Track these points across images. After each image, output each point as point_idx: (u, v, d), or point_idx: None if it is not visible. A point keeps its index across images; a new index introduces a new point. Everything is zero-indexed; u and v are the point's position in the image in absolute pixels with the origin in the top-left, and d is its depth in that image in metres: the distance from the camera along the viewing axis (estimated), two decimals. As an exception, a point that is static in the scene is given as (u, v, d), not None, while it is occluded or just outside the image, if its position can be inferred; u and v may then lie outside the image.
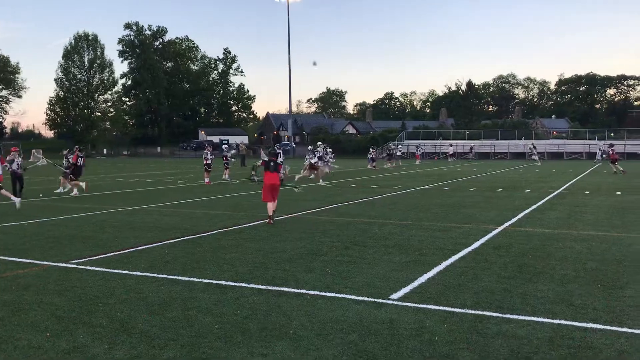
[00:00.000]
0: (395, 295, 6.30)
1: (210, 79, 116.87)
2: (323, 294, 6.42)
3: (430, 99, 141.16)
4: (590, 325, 5.26)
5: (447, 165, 44.36)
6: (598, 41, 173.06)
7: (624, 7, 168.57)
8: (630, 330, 5.10)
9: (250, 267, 7.80)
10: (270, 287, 6.71)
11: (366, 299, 6.19)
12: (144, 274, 7.52)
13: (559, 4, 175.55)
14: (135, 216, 13.66)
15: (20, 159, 18.81)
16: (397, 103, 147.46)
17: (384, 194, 19.34)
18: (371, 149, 39.94)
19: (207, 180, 24.72)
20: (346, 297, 6.26)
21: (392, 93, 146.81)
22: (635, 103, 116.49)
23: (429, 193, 19.77)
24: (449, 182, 24.96)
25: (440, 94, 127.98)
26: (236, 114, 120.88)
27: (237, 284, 6.87)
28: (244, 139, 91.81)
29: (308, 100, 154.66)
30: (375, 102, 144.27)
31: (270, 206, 12.36)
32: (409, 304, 5.97)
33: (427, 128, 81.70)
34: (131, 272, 7.59)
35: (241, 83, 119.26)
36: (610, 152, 32.60)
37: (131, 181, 27.26)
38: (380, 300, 6.12)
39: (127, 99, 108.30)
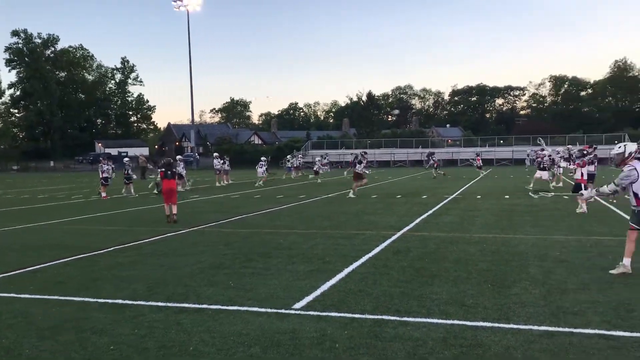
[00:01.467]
0: (298, 305, 6.34)
1: (107, 89, 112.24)
2: (225, 307, 6.34)
3: (333, 110, 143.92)
4: (481, 323, 5.56)
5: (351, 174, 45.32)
6: (487, 54, 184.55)
7: (509, 24, 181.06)
8: (515, 326, 5.45)
9: (149, 284, 7.55)
10: (169, 304, 6.53)
11: (269, 310, 6.18)
12: (33, 296, 7.06)
13: (450, 19, 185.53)
14: (26, 235, 12.80)
15: None
16: (302, 113, 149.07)
17: (289, 203, 19.43)
18: (262, 160, 39.92)
19: (103, 194, 23.63)
20: (249, 310, 6.21)
21: (297, 103, 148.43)
22: (521, 112, 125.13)
23: (333, 201, 20.10)
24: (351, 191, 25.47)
25: (343, 105, 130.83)
26: (135, 124, 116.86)
27: (135, 302, 6.62)
28: (144, 151, 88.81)
29: (211, 110, 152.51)
30: (280, 112, 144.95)
31: (167, 208, 14.57)
32: (311, 313, 6.03)
33: (331, 138, 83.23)
34: (18, 295, 7.10)
35: (140, 93, 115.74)
36: (434, 160, 38.22)
37: (22, 197, 25.54)
38: (283, 311, 6.13)
39: (15, 111, 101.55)
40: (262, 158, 32.83)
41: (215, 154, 34.38)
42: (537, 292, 6.71)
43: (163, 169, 15.14)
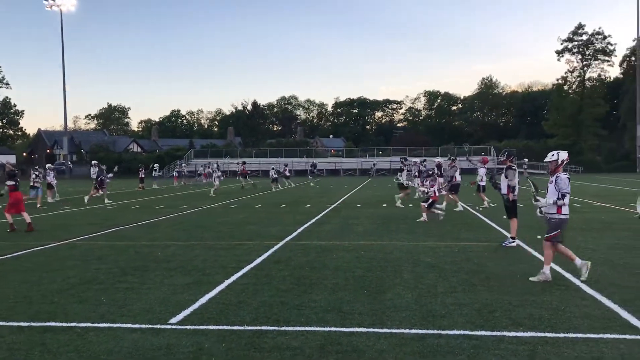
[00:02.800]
0: (174, 319, 6.15)
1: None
2: (96, 325, 5.99)
3: (218, 118, 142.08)
4: (356, 329, 5.72)
5: (235, 184, 44.93)
6: (367, 69, 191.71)
7: (387, 39, 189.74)
8: (389, 331, 5.66)
9: (10, 303, 6.95)
10: (33, 324, 6.05)
11: (143, 326, 5.93)
12: None
13: (333, 33, 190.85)
14: None
15: None
16: (184, 121, 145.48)
17: (169, 214, 18.84)
18: (141, 169, 39.01)
19: None
20: (122, 327, 5.92)
21: (179, 111, 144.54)
22: (399, 124, 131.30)
23: (215, 212, 19.79)
24: (236, 200, 25.30)
25: (228, 113, 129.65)
26: (1, 130, 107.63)
27: (-7, 324, 6.07)
28: (11, 159, 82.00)
29: (87, 116, 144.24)
30: (161, 119, 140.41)
31: (10, 217, 14.65)
32: (188, 327, 5.87)
33: (215, 146, 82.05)
34: None
35: (6, 97, 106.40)
36: (242, 168, 40.64)
37: None
38: (158, 326, 5.91)
39: None
40: (215, 165, 33.58)
41: (93, 162, 32.51)
42: (410, 297, 7.03)
43: (13, 182, 15.05)
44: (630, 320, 5.89)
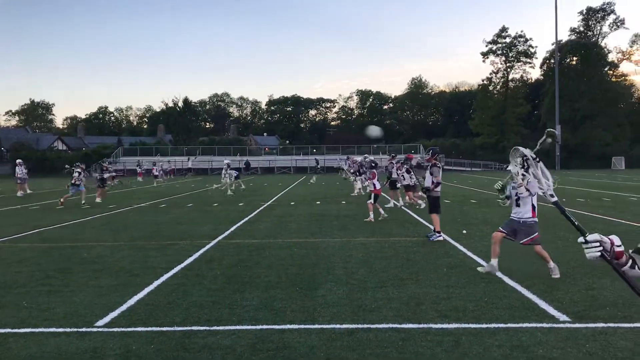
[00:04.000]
0: (101, 322, 5.97)
1: None
2: (16, 330, 5.73)
3: (148, 115, 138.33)
4: (288, 326, 5.76)
5: (166, 183, 43.94)
6: (300, 67, 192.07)
7: (320, 38, 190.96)
8: (320, 326, 5.74)
9: None
10: (-54, 332, 5.72)
11: (68, 329, 5.72)
12: None
13: (262, 30, 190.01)
14: None
15: None
16: (113, 118, 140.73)
17: (95, 214, 18.21)
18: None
19: None
20: (44, 331, 5.69)
21: (107, 107, 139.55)
22: (332, 123, 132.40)
23: (145, 211, 19.30)
24: (166, 199, 24.76)
25: (158, 110, 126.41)
26: None
27: None
28: None
29: (7, 113, 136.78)
30: (87, 116, 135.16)
31: None
32: (115, 329, 5.72)
33: (145, 144, 79.83)
34: None
35: None
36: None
37: None
38: (84, 330, 5.72)
39: None
40: (226, 162, 29.66)
41: (18, 161, 30.85)
42: (341, 292, 7.14)
43: None
44: (547, 310, 6.23)
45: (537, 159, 3.01)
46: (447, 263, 8.98)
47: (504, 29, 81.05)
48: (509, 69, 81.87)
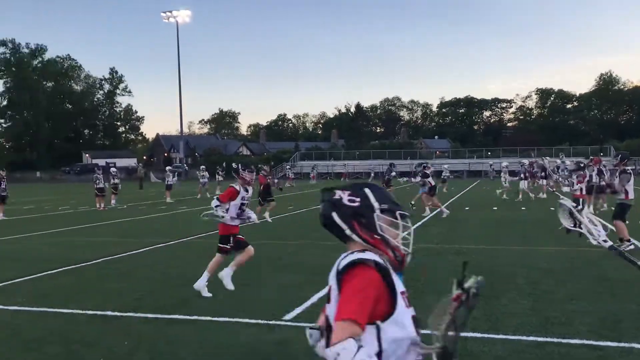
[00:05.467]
0: (288, 316, 6.34)
1: (95, 99, 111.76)
2: (215, 319, 6.32)
3: (322, 121, 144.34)
4: (471, 334, 5.59)
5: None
6: (474, 67, 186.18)
7: (495, 36, 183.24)
8: (504, 336, 5.49)
9: (138, 296, 7.51)
10: (159, 316, 6.50)
11: (259, 321, 6.17)
12: (20, 308, 7.00)
13: (437, 31, 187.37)
14: (11, 246, 12.68)
15: None
16: (291, 125, 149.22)
17: (279, 214, 19.39)
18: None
19: (99, 206, 23.45)
20: (239, 321, 6.20)
21: (285, 115, 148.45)
22: (509, 124, 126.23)
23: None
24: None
25: (332, 116, 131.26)
26: (124, 135, 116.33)
27: (124, 314, 6.59)
28: (132, 162, 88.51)
29: (200, 122, 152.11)
30: (268, 123, 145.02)
31: None
32: (302, 324, 6.02)
33: (319, 149, 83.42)
34: (5, 307, 7.04)
35: (129, 104, 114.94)
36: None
37: (7, 208, 25.26)
38: (273, 322, 6.13)
39: (2, 120, 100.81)
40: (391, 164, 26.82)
41: (202, 167, 33.85)
42: (525, 302, 6.76)
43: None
44: None
45: (580, 207, 2.76)
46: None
47: None
48: None
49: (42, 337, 5.74)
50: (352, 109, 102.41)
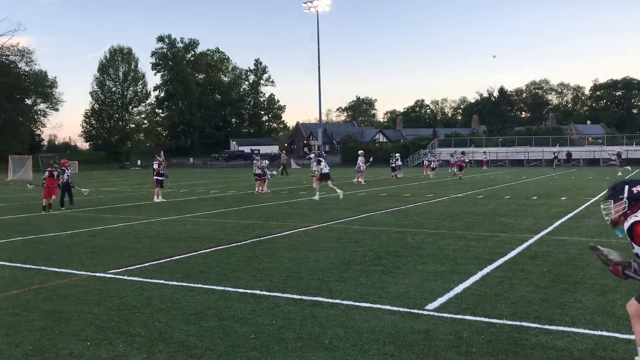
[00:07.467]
0: (430, 306, 6.24)
1: (241, 89, 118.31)
2: (357, 304, 6.40)
3: (462, 106, 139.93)
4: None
5: (481, 173, 43.84)
6: (634, 44, 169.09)
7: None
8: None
9: (283, 277, 7.83)
10: (304, 297, 6.72)
11: (401, 309, 6.14)
12: (180, 283, 7.61)
13: (591, 8, 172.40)
14: (170, 226, 13.86)
15: (69, 171, 20.23)
16: (428, 111, 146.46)
17: (416, 202, 19.20)
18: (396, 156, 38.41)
19: (257, 189, 24.95)
20: (381, 308, 6.22)
21: (423, 100, 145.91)
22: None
23: (462, 201, 19.55)
24: (483, 190, 24.65)
25: (472, 101, 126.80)
26: (266, 124, 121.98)
27: (272, 294, 6.91)
28: (274, 149, 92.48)
29: (338, 109, 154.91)
30: (405, 110, 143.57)
31: (45, 201, 18.12)
32: (445, 315, 5.91)
33: (459, 135, 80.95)
34: (167, 282, 7.70)
35: (271, 93, 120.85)
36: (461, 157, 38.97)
37: (165, 192, 27.67)
38: (415, 311, 6.07)
39: (160, 111, 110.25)
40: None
41: (360, 152, 33.92)
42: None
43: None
44: None
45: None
46: None
47: None
48: None
49: (201, 312, 6.20)
50: (495, 93, 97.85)
